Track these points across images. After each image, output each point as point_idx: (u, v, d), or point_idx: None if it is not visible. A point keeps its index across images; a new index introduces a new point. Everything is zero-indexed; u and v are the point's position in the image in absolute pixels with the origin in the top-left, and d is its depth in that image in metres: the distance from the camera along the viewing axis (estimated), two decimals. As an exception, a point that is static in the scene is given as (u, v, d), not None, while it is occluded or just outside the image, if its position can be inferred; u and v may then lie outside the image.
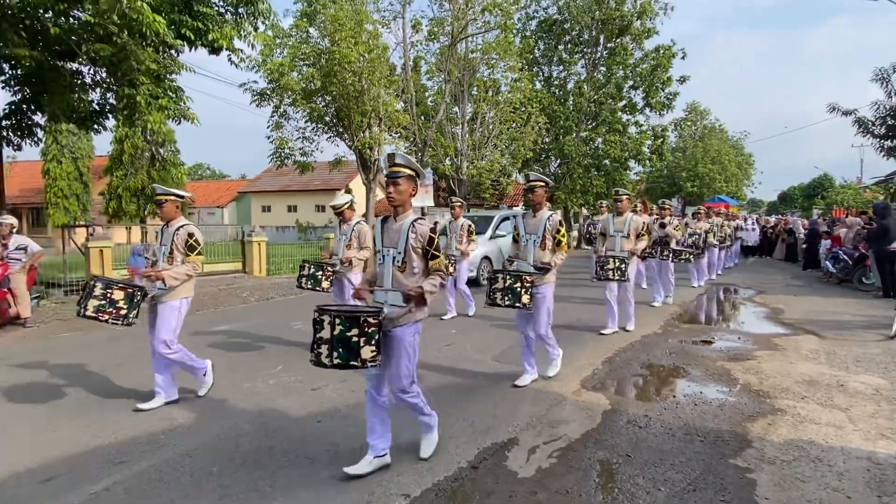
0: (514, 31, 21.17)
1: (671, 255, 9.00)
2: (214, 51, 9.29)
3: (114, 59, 8.38)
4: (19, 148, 10.57)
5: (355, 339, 2.81)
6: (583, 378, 5.06)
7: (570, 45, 24.51)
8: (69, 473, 3.27)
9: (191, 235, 4.35)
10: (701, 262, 11.32)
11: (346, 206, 5.95)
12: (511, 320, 7.98)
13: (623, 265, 6.39)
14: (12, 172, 21.49)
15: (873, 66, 19.12)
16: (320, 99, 15.45)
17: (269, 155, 16.03)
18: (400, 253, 3.15)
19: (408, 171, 3.15)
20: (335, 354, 2.80)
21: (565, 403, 4.38)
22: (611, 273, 6.41)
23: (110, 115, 10.29)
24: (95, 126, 10.38)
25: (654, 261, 9.02)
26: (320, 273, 5.93)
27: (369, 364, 2.86)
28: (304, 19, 15.05)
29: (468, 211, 22.64)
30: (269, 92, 14.86)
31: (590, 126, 24.25)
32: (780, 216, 26.55)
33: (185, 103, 9.84)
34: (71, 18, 8.47)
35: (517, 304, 4.46)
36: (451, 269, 7.66)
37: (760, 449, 3.55)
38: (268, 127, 15.66)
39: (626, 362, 5.63)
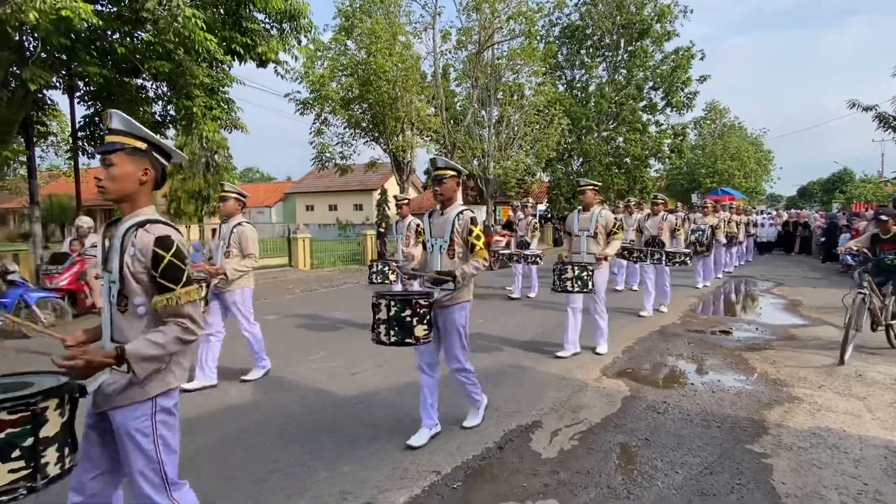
0: (538, 37, 20.88)
1: (664, 257, 7.31)
2: (262, 63, 9.48)
3: (172, 75, 8.65)
4: (93, 157, 11.04)
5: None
6: (604, 366, 5.00)
7: (591, 50, 24.05)
8: (138, 447, 3.42)
9: None
10: (707, 260, 9.93)
11: (232, 196, 4.48)
12: (542, 305, 7.97)
13: (586, 274, 4.88)
14: (87, 177, 22.45)
15: (894, 61, 18.06)
16: (357, 106, 15.59)
17: (312, 159, 16.32)
18: (115, 282, 1.79)
19: (133, 143, 1.81)
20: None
21: (587, 389, 4.34)
22: (569, 284, 4.90)
23: (171, 126, 10.60)
24: (158, 135, 10.73)
25: (647, 265, 7.46)
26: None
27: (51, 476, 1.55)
28: (343, 33, 15.20)
29: (494, 209, 22.54)
30: (311, 101, 15.10)
31: (611, 126, 23.77)
32: (796, 210, 25.09)
33: (235, 113, 10.09)
34: (134, 39, 8.77)
35: (408, 340, 3.04)
36: (391, 276, 6.32)
37: (777, 436, 3.44)
38: (310, 133, 15.94)
39: (646, 351, 5.53)
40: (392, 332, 3.05)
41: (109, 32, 8.51)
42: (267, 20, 9.49)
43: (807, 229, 17.01)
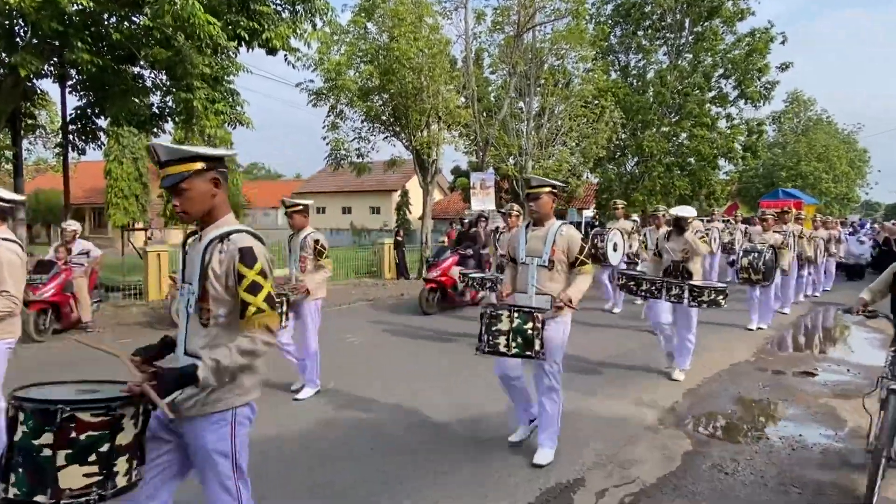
0: (587, 17, 20.81)
1: (689, 294, 5.64)
2: (271, 51, 9.73)
3: (171, 63, 8.96)
4: (83, 152, 11.50)
5: None
6: (661, 412, 4.90)
7: (650, 31, 23.84)
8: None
9: None
10: (768, 292, 8.31)
11: None
12: (586, 329, 7.77)
13: (531, 327, 3.50)
14: (77, 172, 23.32)
15: None
16: (377, 97, 15.78)
17: (326, 157, 16.57)
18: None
19: None
20: None
21: (640, 441, 4.25)
22: (502, 342, 3.52)
23: (169, 119, 10.94)
24: (155, 129, 11.09)
25: (661, 303, 5.93)
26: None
27: None
28: (363, 14, 15.46)
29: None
30: (325, 91, 15.36)
31: (673, 120, 23.44)
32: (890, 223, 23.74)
33: (240, 107, 10.36)
34: (131, 23, 9.13)
35: (39, 499, 1.72)
36: (284, 322, 4.89)
37: (872, 508, 3.30)
38: (323, 127, 16.18)
39: (712, 395, 5.41)
40: (14, 478, 1.74)
41: (105, 16, 8.88)
42: (278, 1, 9.75)
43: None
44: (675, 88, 22.78)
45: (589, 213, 29.99)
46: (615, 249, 9.03)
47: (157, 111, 10.68)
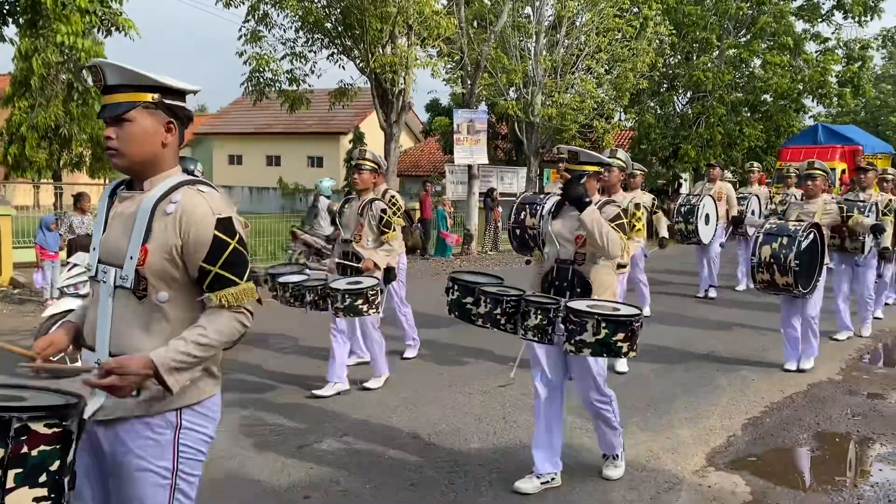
0: None
1: (565, 328, 3.93)
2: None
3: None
4: None
5: None
6: (712, 449, 4.98)
7: None
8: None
9: None
10: (809, 304, 6.80)
11: None
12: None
13: (6, 455, 1.78)
14: None
15: None
16: (320, -5, 15.62)
17: (243, 83, 16.32)
18: None
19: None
20: None
21: (680, 489, 4.34)
22: None
23: (10, 22, 10.70)
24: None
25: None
26: None
27: None
28: None
29: (540, 173, 22.36)
30: (242, -15, 15.17)
31: (741, 40, 23.55)
32: None
33: (117, 4, 10.14)
34: None
35: None
36: None
37: None
38: (240, 38, 15.93)
39: (782, 426, 5.51)
40: None
41: None
42: None
43: None
44: (746, -6, 22.88)
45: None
46: None
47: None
